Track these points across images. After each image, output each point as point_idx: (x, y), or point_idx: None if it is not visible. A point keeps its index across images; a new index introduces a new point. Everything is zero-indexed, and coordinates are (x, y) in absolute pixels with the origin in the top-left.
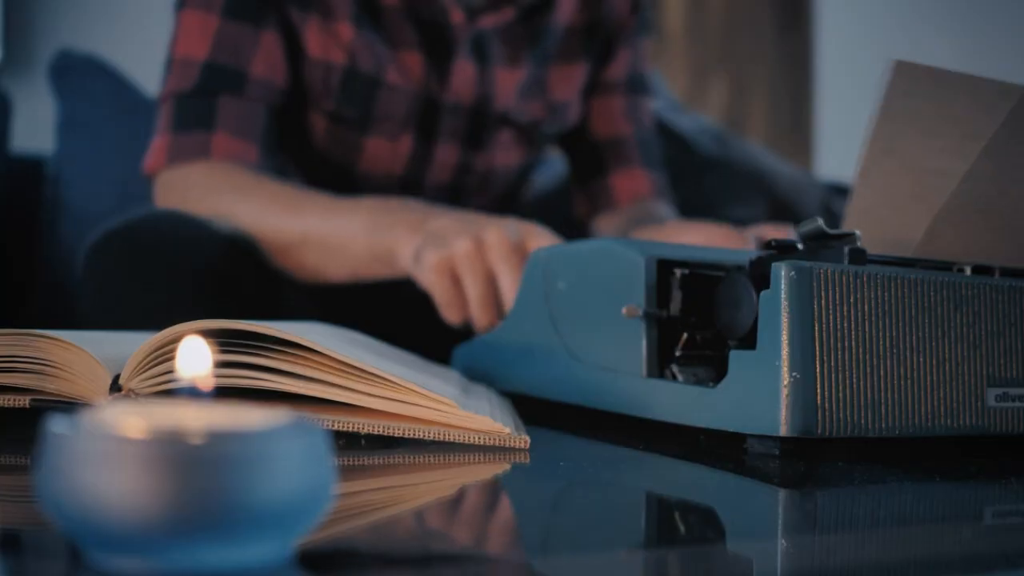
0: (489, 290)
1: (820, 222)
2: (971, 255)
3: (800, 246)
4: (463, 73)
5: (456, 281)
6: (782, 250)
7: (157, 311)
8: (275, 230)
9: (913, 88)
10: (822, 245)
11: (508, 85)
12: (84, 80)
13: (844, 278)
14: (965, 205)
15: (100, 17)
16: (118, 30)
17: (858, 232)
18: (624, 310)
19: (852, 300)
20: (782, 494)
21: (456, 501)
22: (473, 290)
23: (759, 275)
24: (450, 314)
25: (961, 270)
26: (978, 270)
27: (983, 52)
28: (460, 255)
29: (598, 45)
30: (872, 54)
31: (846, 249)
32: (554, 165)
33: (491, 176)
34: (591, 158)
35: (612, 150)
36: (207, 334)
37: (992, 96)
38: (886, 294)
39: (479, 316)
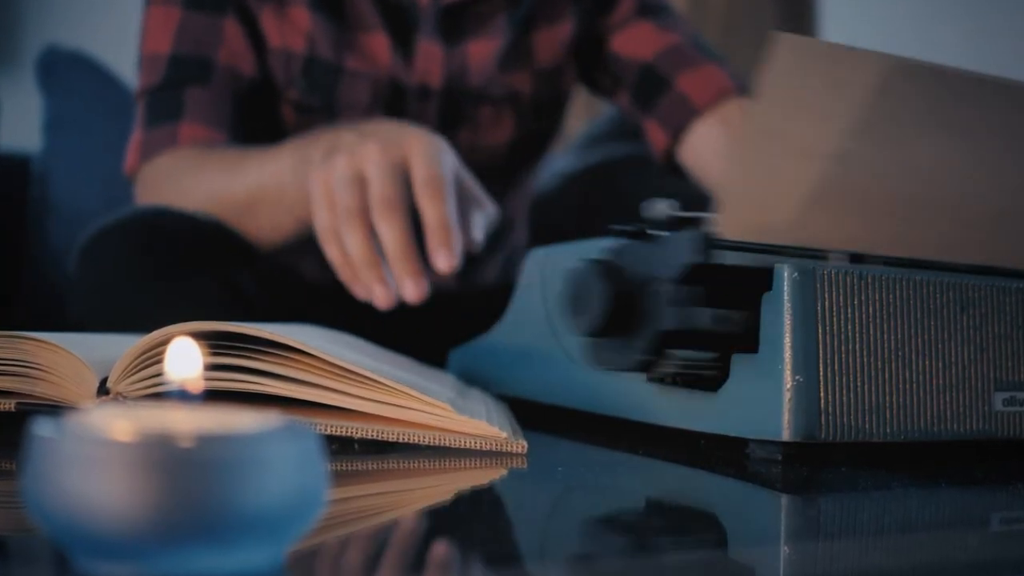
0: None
1: (666, 204)
2: (844, 244)
3: (651, 231)
4: (428, 53)
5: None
6: (632, 236)
7: (153, 309)
8: (227, 198)
9: (795, 63)
10: (673, 228)
11: (482, 58)
12: (71, 77)
13: (848, 279)
14: (838, 190)
15: (88, 12)
16: (106, 26)
17: (710, 216)
18: None
19: (856, 302)
20: (784, 500)
21: (451, 507)
22: (355, 250)
23: (608, 267)
24: (353, 284)
25: (825, 258)
26: (855, 259)
27: (993, 48)
28: (338, 219)
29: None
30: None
31: (687, 233)
32: (554, 163)
33: (475, 156)
34: (645, 82)
35: (667, 60)
36: (197, 336)
37: (872, 70)
38: (891, 296)
39: (368, 276)
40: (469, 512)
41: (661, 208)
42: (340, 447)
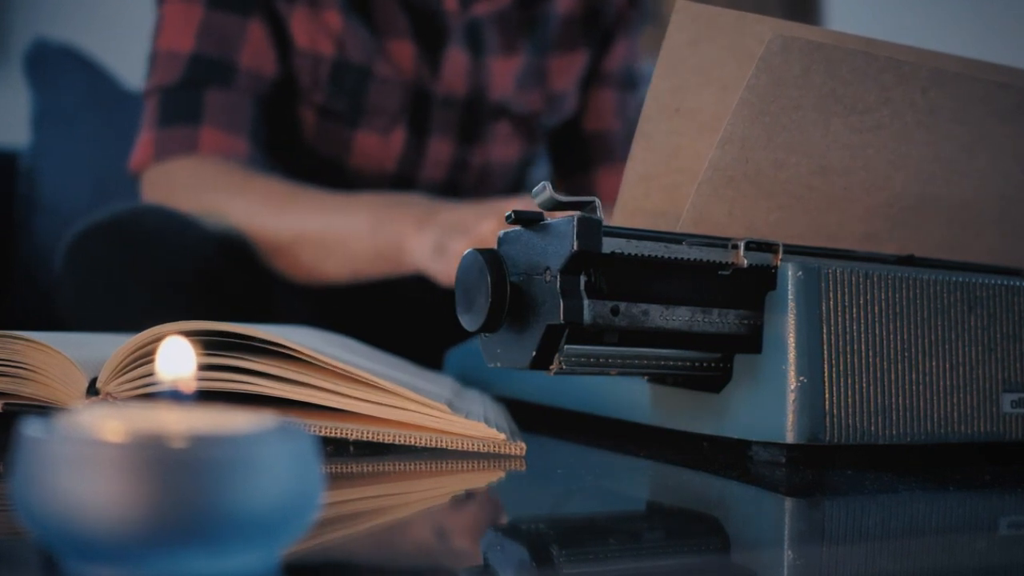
0: None
1: (550, 189)
2: (741, 230)
3: (547, 217)
4: (455, 62)
5: None
6: (524, 223)
7: (140, 309)
8: (270, 229)
9: (696, 33)
10: (563, 214)
11: (504, 75)
12: (60, 71)
13: (854, 278)
14: (719, 173)
15: (78, 5)
16: (96, 19)
17: (597, 200)
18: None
19: (862, 302)
20: (788, 503)
21: (448, 510)
22: None
23: (494, 257)
24: None
25: (735, 247)
26: (749, 246)
27: (999, 43)
28: (491, 237)
29: (597, 35)
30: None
31: (574, 219)
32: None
33: (488, 171)
34: (577, 151)
35: (599, 145)
36: (190, 335)
37: (758, 40)
38: (897, 295)
39: None
40: (466, 516)
41: (547, 192)
42: (335, 449)
